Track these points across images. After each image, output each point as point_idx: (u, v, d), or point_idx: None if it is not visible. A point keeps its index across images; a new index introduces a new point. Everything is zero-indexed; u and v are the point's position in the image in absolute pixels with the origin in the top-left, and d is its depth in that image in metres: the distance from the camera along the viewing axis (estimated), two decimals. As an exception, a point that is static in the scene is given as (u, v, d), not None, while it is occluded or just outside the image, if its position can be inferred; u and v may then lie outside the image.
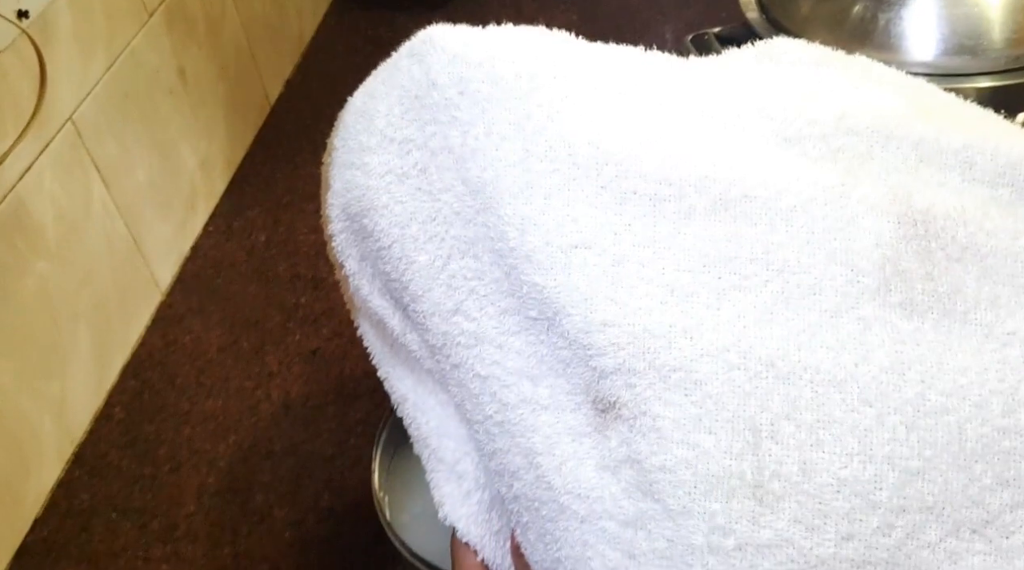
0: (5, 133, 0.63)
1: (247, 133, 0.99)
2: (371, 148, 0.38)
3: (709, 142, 0.34)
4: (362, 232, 0.38)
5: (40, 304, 0.67)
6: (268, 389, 0.75)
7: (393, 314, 0.39)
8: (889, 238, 0.32)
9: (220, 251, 0.88)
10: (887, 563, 0.29)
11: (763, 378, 0.31)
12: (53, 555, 0.65)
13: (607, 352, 0.32)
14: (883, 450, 0.29)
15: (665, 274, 0.33)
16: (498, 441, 0.36)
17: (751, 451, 0.30)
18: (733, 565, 0.30)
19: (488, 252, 0.36)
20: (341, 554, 0.63)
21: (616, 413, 0.32)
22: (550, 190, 0.34)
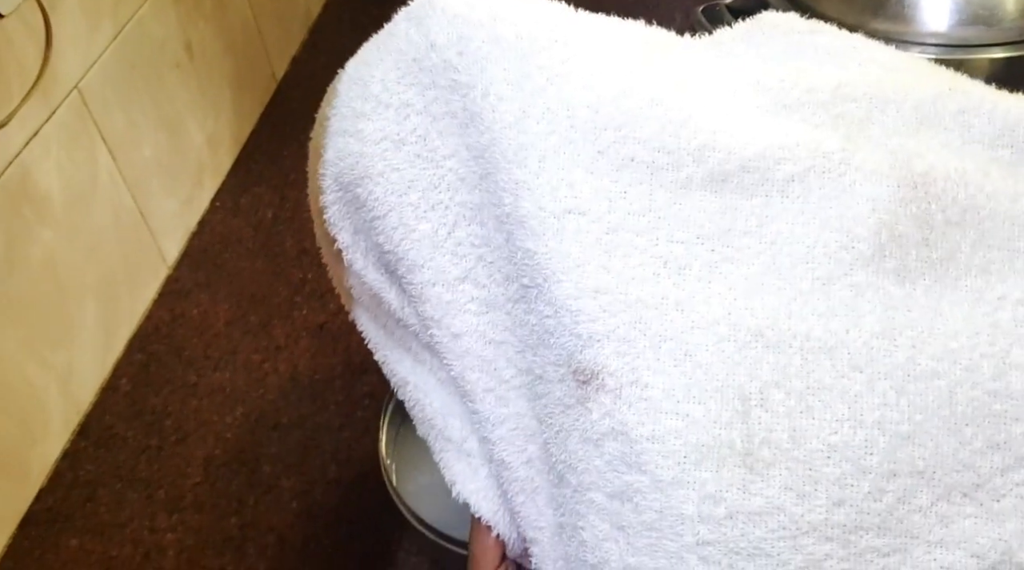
0: (10, 98, 0.62)
1: (254, 110, 0.98)
2: (366, 114, 0.37)
3: (708, 111, 0.34)
4: (355, 202, 0.37)
5: (46, 273, 0.67)
6: (275, 362, 0.74)
7: (389, 288, 0.38)
8: (887, 203, 0.32)
9: (227, 226, 0.87)
10: (878, 528, 0.29)
11: (752, 347, 0.31)
12: (58, 525, 0.65)
13: (598, 318, 0.32)
14: (873, 415, 0.29)
15: (659, 245, 0.33)
16: (512, 405, 0.36)
17: (740, 419, 0.30)
18: (724, 533, 0.29)
19: (491, 218, 0.35)
20: (348, 524, 0.63)
21: (599, 384, 0.32)
22: (545, 153, 0.34)
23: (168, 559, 0.62)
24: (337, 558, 0.61)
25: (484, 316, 0.35)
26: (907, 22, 0.68)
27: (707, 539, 0.30)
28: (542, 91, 0.34)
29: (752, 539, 0.29)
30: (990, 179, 0.33)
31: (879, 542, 0.29)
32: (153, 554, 0.63)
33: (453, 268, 0.36)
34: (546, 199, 0.33)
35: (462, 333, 0.35)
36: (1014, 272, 0.32)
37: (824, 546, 0.29)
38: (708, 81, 0.36)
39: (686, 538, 0.30)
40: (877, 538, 0.29)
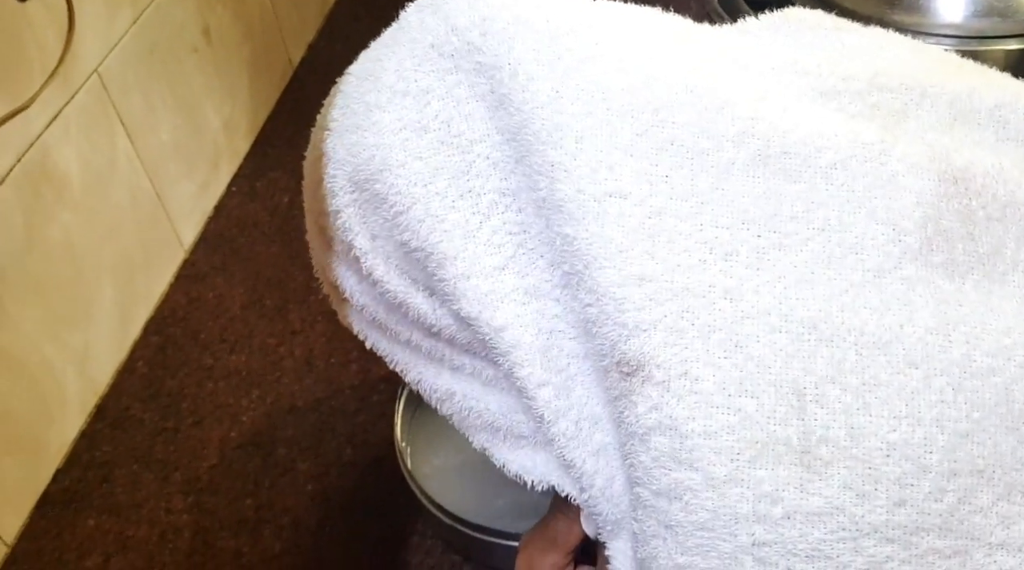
0: (31, 81, 0.63)
1: (270, 95, 0.98)
2: (380, 105, 0.35)
3: (744, 96, 0.33)
4: (374, 201, 0.35)
5: (65, 254, 0.67)
6: (291, 346, 0.75)
7: (416, 292, 0.36)
8: (930, 197, 0.31)
9: (243, 211, 0.88)
10: (940, 529, 0.28)
11: (806, 340, 0.30)
12: (75, 505, 0.66)
13: (644, 307, 0.31)
14: (931, 412, 0.29)
15: (704, 230, 0.32)
16: (573, 395, 0.34)
17: (797, 416, 0.29)
18: (782, 534, 0.29)
19: (530, 203, 0.34)
20: (363, 507, 0.63)
21: (645, 376, 0.31)
22: (582, 134, 0.32)
23: (184, 540, 0.63)
24: (352, 540, 0.61)
25: (530, 305, 0.34)
26: (923, 13, 0.68)
27: (763, 540, 0.29)
28: (575, 71, 0.33)
29: (811, 541, 0.28)
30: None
31: (940, 544, 0.29)
32: (169, 534, 0.63)
33: (490, 258, 0.34)
34: (585, 182, 0.32)
35: (505, 326, 0.34)
36: None
37: (885, 548, 0.28)
38: (742, 66, 0.35)
39: (741, 539, 0.29)
40: (939, 539, 0.28)
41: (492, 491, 0.62)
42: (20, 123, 0.61)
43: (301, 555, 0.61)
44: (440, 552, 0.61)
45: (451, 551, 0.61)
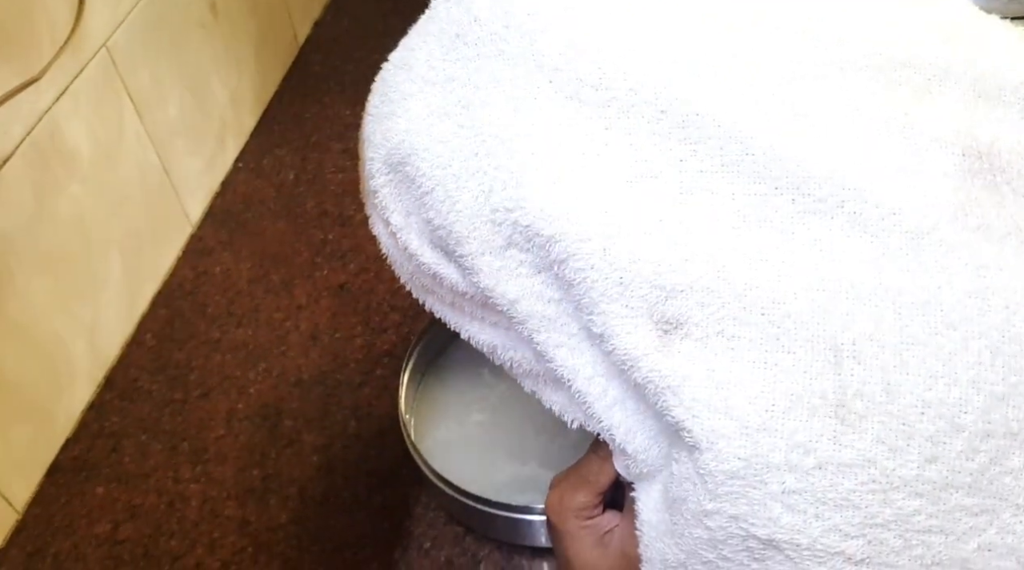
0: (41, 54, 0.63)
1: (276, 72, 0.99)
2: (412, 94, 0.37)
3: (772, 66, 0.34)
4: (405, 182, 0.37)
5: (74, 227, 0.68)
6: (297, 320, 0.76)
7: (448, 264, 0.38)
8: (955, 170, 0.32)
9: (249, 187, 0.88)
10: (969, 487, 0.29)
11: (844, 299, 0.30)
12: (84, 474, 0.67)
13: (679, 269, 0.32)
14: (968, 374, 0.29)
15: (736, 199, 0.32)
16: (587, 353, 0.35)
17: (833, 371, 0.30)
18: (812, 483, 0.29)
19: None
20: (367, 478, 0.64)
21: (684, 333, 0.32)
22: (609, 120, 0.34)
23: (192, 508, 0.64)
24: (357, 510, 0.62)
25: (537, 277, 0.35)
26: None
27: (794, 488, 0.30)
28: (596, 59, 0.34)
29: (841, 490, 0.29)
30: None
31: (969, 501, 0.29)
32: (177, 503, 0.64)
33: (495, 236, 0.35)
34: (616, 168, 0.33)
35: (519, 298, 0.35)
36: None
37: (914, 502, 0.29)
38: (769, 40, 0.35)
39: (771, 486, 0.30)
40: (967, 497, 0.29)
41: (493, 465, 0.63)
42: (30, 97, 0.62)
43: (307, 524, 0.62)
44: (443, 523, 0.62)
45: (453, 522, 0.62)
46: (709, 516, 0.31)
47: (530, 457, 0.64)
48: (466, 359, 0.70)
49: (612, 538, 0.40)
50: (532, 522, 0.57)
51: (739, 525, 0.31)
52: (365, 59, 0.99)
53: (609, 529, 0.40)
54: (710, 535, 0.32)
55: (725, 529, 0.31)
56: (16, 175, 0.61)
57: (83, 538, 0.63)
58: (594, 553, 0.40)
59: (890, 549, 0.29)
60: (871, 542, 0.29)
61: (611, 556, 0.40)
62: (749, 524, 0.30)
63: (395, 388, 0.69)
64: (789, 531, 0.30)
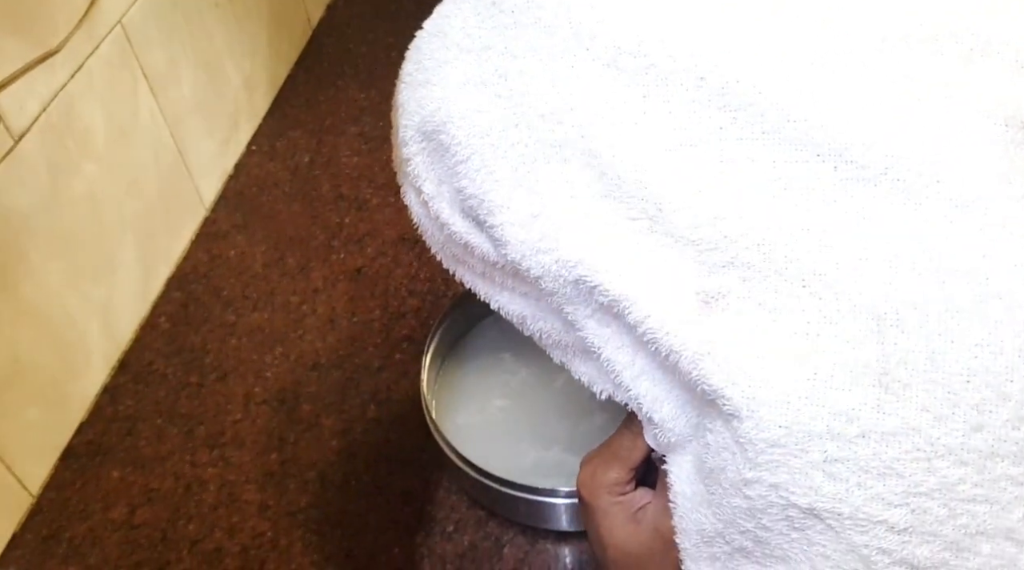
0: (56, 30, 0.62)
1: (290, 54, 0.97)
2: (448, 61, 0.37)
3: (801, 39, 0.33)
4: (439, 150, 0.37)
5: (89, 207, 0.67)
6: (314, 304, 0.75)
7: (478, 233, 0.38)
8: (999, 139, 0.31)
9: (263, 170, 0.87)
10: (1015, 456, 0.29)
11: (887, 268, 0.30)
12: (99, 457, 0.66)
13: (719, 246, 0.32)
14: (1015, 342, 0.29)
15: (777, 167, 0.32)
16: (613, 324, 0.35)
17: (876, 339, 0.29)
18: (855, 451, 0.29)
19: (578, 154, 0.34)
20: (387, 462, 0.63)
21: (724, 305, 0.32)
22: (648, 88, 0.33)
23: (209, 493, 0.63)
24: (377, 495, 0.61)
25: (552, 254, 0.35)
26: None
27: (836, 457, 0.29)
28: (634, 25, 0.34)
29: (885, 459, 0.29)
30: None
31: (1015, 471, 0.29)
32: (195, 487, 0.63)
33: (529, 206, 0.35)
34: (655, 133, 0.33)
35: (542, 275, 0.35)
36: None
37: (959, 470, 0.29)
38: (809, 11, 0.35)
39: (812, 455, 0.29)
40: (1013, 466, 0.29)
41: (516, 449, 0.62)
42: (45, 73, 0.61)
43: (327, 509, 0.61)
44: (465, 507, 0.61)
45: (476, 506, 0.61)
46: (748, 485, 0.31)
47: (553, 442, 0.63)
48: (487, 345, 0.69)
49: (645, 515, 0.40)
50: (557, 506, 0.56)
51: (779, 494, 0.30)
52: (379, 42, 0.98)
53: (642, 506, 0.40)
54: (749, 504, 0.31)
55: (765, 498, 0.31)
56: (32, 152, 0.60)
57: (99, 522, 0.62)
58: (627, 529, 0.40)
59: (934, 518, 0.29)
60: (914, 511, 0.29)
61: (644, 532, 0.39)
62: (789, 493, 0.30)
63: (415, 373, 0.68)
64: (831, 500, 0.29)
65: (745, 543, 0.32)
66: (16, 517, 0.62)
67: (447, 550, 0.59)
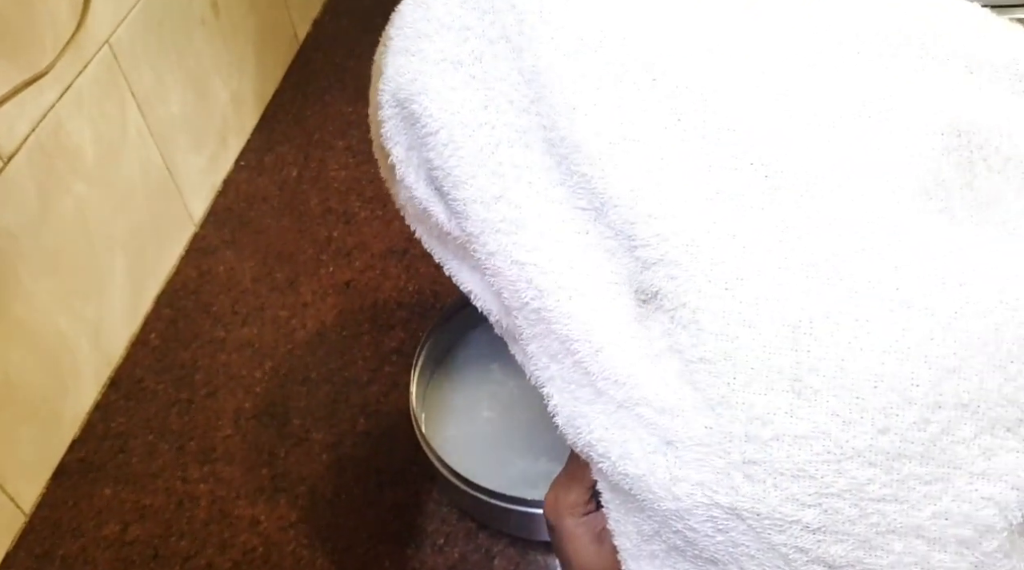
0: (44, 52, 0.63)
1: (277, 70, 0.98)
2: (428, 35, 0.38)
3: (761, 45, 0.35)
4: (410, 118, 0.38)
5: (78, 226, 0.67)
6: (303, 319, 0.75)
7: (437, 203, 0.40)
8: (929, 150, 0.33)
9: (252, 185, 0.88)
10: (922, 456, 0.30)
11: (803, 278, 0.31)
12: (91, 475, 0.66)
13: (651, 243, 0.33)
14: (920, 349, 0.30)
15: (712, 171, 0.33)
16: (536, 326, 0.37)
17: (790, 347, 0.31)
18: (770, 454, 0.30)
19: (540, 141, 0.36)
20: (377, 475, 0.64)
21: (658, 304, 0.33)
22: (602, 79, 0.35)
23: (201, 508, 0.63)
24: (368, 508, 0.62)
25: (512, 236, 0.36)
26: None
27: (753, 459, 0.30)
28: (598, 20, 0.35)
29: (797, 461, 0.30)
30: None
31: (922, 470, 0.30)
32: (186, 503, 0.64)
33: (491, 186, 0.37)
34: (602, 125, 0.34)
35: (495, 252, 0.37)
36: None
37: (867, 471, 0.30)
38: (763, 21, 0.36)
39: (733, 456, 0.31)
40: (920, 466, 0.30)
41: (505, 460, 0.63)
42: (34, 94, 0.61)
43: (317, 523, 0.62)
44: (455, 519, 0.61)
45: (466, 518, 0.61)
46: (677, 483, 0.32)
47: (541, 452, 0.63)
48: (475, 356, 0.69)
49: (608, 534, 0.40)
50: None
51: (704, 492, 0.31)
52: (366, 56, 0.98)
53: (604, 525, 0.41)
54: (677, 505, 0.32)
55: (691, 496, 0.32)
56: (21, 173, 0.61)
57: (91, 540, 0.62)
58: (591, 549, 0.41)
59: (845, 517, 0.30)
60: (827, 511, 0.30)
61: (607, 551, 0.40)
62: (713, 491, 0.31)
63: (404, 385, 0.69)
64: (750, 500, 0.31)
65: (678, 542, 0.33)
66: (9, 535, 0.62)
67: (438, 563, 0.59)
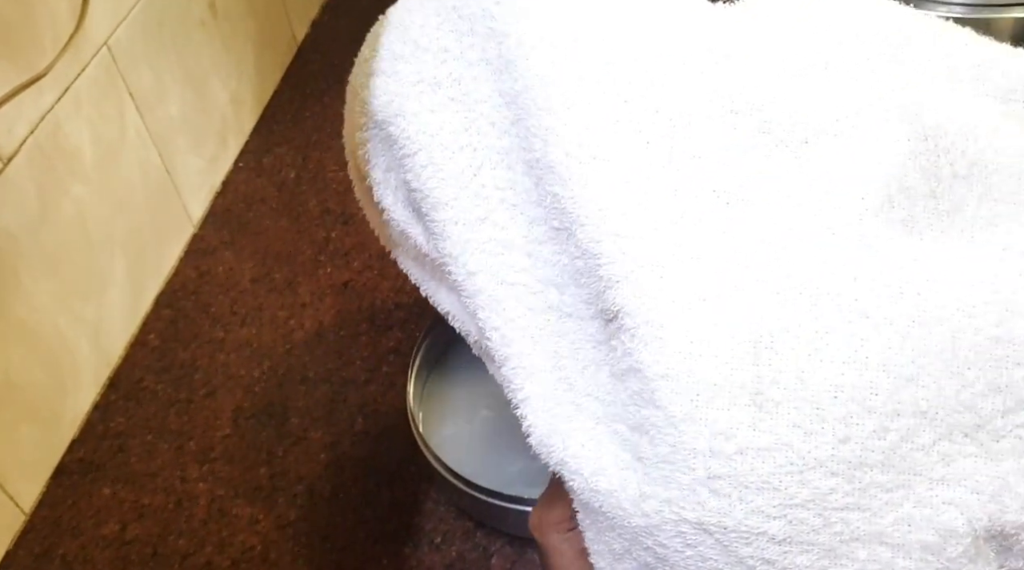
0: (43, 54, 0.63)
1: (275, 71, 0.98)
2: (404, 57, 0.38)
3: (730, 71, 0.35)
4: (388, 140, 0.39)
5: (77, 227, 0.68)
6: (301, 319, 0.75)
7: (415, 224, 0.40)
8: (896, 157, 0.33)
9: (251, 186, 0.88)
10: (882, 464, 0.30)
11: (764, 293, 0.32)
12: (91, 475, 0.66)
13: (617, 261, 0.33)
14: (878, 358, 0.30)
15: (677, 196, 0.34)
16: (516, 345, 0.37)
17: (751, 362, 0.31)
18: (734, 468, 0.31)
19: (520, 162, 0.36)
20: (375, 474, 0.64)
21: (620, 323, 0.33)
22: (573, 102, 0.35)
23: (200, 507, 0.63)
24: (366, 507, 0.62)
25: (499, 257, 0.37)
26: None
27: (717, 473, 0.31)
28: (573, 43, 0.36)
29: (761, 474, 0.30)
30: (999, 135, 0.34)
31: (883, 478, 0.30)
32: (185, 502, 0.64)
33: (475, 208, 0.37)
34: (572, 146, 0.34)
35: (477, 272, 0.37)
36: (1019, 224, 0.33)
37: (829, 481, 0.30)
38: (734, 43, 0.37)
39: (698, 471, 0.31)
40: (881, 474, 0.30)
41: (502, 459, 0.63)
42: (32, 96, 0.62)
43: (316, 522, 0.62)
44: (453, 518, 0.61)
45: (464, 517, 0.62)
46: (645, 500, 0.32)
47: (539, 452, 0.64)
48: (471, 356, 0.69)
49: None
50: (543, 516, 0.57)
51: (672, 509, 0.32)
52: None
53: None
54: (647, 522, 0.32)
55: (660, 513, 0.32)
56: (20, 175, 0.61)
57: (91, 539, 0.63)
58: (576, 565, 0.41)
59: (810, 527, 0.30)
60: (791, 522, 0.30)
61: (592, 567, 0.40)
62: (680, 507, 0.31)
63: (401, 385, 0.69)
64: (716, 514, 0.31)
65: (649, 559, 0.34)
66: (9, 535, 0.63)
67: (435, 561, 0.59)
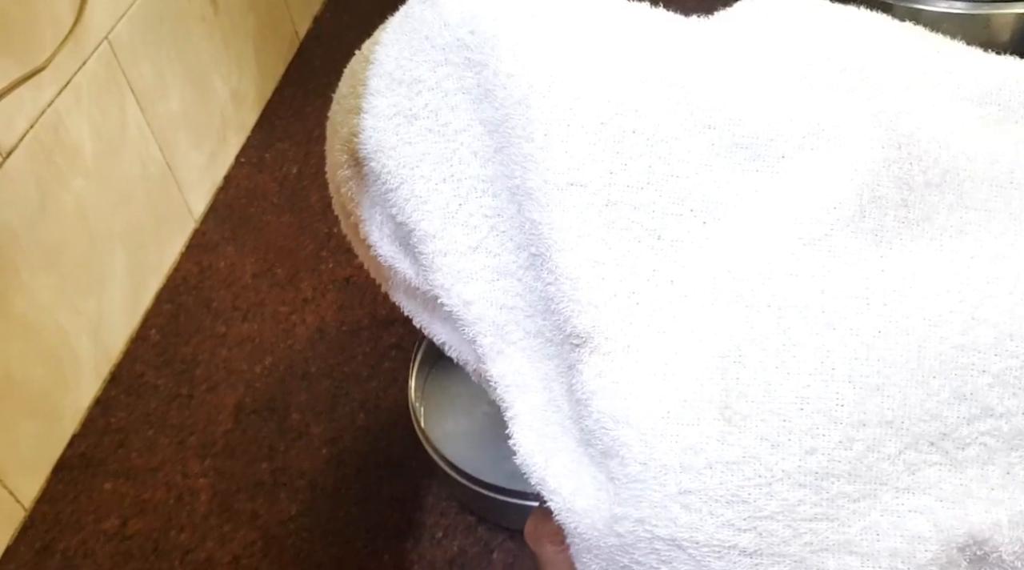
0: (43, 47, 0.63)
1: (277, 67, 0.98)
2: (380, 91, 0.38)
3: (707, 88, 0.35)
4: (370, 176, 0.38)
5: (78, 221, 0.67)
6: (303, 314, 0.75)
7: (403, 259, 0.39)
8: (869, 165, 0.33)
9: (252, 182, 0.88)
10: (849, 475, 0.30)
11: (732, 309, 0.32)
12: (91, 470, 0.66)
13: (596, 286, 0.33)
14: (844, 369, 0.30)
15: (655, 218, 0.34)
16: (514, 363, 0.37)
17: (719, 375, 0.31)
18: (704, 482, 0.31)
19: (504, 190, 0.36)
20: (377, 469, 0.64)
21: (593, 346, 0.33)
22: (549, 126, 0.35)
23: (201, 502, 0.63)
24: (367, 502, 0.62)
25: (496, 283, 0.37)
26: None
27: (688, 488, 0.31)
28: (548, 67, 0.35)
29: (730, 487, 0.30)
30: (973, 141, 0.34)
31: (850, 488, 0.30)
32: (186, 497, 0.64)
33: (465, 238, 0.37)
34: (550, 172, 0.34)
35: (473, 300, 0.37)
36: (988, 232, 0.33)
37: (797, 492, 0.30)
38: (709, 58, 0.37)
39: (669, 487, 0.31)
40: (848, 484, 0.30)
41: (503, 455, 0.62)
42: (32, 90, 0.62)
43: (317, 517, 0.62)
44: (454, 513, 0.61)
45: (465, 512, 0.61)
46: (618, 521, 0.32)
47: (541, 447, 0.63)
48: (474, 350, 0.69)
49: None
50: (545, 511, 0.57)
51: (644, 527, 0.31)
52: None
53: None
54: (620, 541, 0.32)
55: (633, 533, 0.32)
56: (20, 169, 0.61)
57: (91, 534, 0.62)
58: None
59: (779, 539, 0.30)
60: (761, 534, 0.30)
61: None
62: (652, 526, 0.31)
63: (403, 380, 0.69)
64: (688, 529, 0.31)
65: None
66: (9, 530, 0.63)
67: (436, 556, 0.59)
